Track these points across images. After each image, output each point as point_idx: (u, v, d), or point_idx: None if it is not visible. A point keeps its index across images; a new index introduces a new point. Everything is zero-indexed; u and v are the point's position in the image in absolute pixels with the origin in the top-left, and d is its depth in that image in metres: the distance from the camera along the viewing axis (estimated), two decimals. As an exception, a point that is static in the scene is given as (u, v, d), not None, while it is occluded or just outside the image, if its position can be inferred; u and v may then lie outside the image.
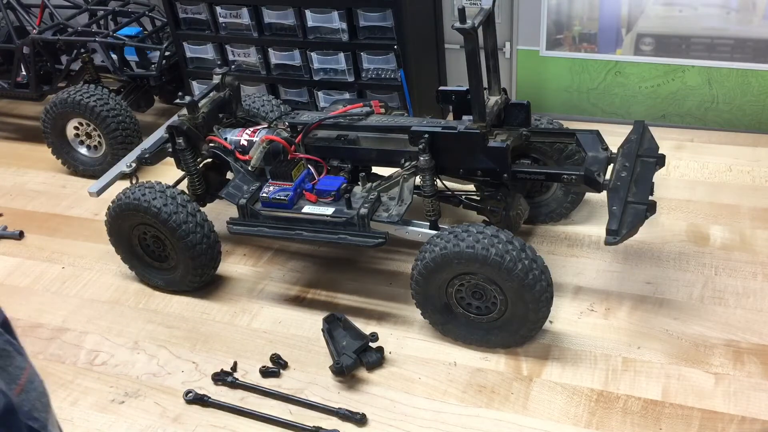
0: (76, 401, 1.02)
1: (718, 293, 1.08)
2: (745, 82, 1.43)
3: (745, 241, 1.18)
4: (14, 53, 1.63)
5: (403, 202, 1.08)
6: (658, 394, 0.94)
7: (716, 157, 1.40)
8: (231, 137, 1.19)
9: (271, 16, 1.49)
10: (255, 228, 1.09)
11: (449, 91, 1.13)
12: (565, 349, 1.01)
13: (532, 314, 0.96)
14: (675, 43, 1.44)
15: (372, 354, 1.01)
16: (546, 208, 1.24)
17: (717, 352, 0.99)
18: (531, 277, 0.93)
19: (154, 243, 1.15)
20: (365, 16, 1.42)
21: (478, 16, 0.97)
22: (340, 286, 1.18)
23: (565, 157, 1.14)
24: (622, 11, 1.45)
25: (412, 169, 1.07)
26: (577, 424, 0.91)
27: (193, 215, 1.10)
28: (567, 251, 1.20)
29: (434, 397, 0.97)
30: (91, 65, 1.65)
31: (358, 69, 1.48)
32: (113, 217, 1.13)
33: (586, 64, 1.51)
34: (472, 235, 0.94)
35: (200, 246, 1.11)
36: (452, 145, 1.03)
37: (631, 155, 1.04)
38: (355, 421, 0.94)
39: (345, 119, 1.12)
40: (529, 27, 1.50)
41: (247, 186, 1.13)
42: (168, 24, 1.60)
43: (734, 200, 1.28)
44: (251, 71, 1.57)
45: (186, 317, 1.15)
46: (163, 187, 1.12)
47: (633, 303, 1.08)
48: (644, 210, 0.96)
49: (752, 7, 1.37)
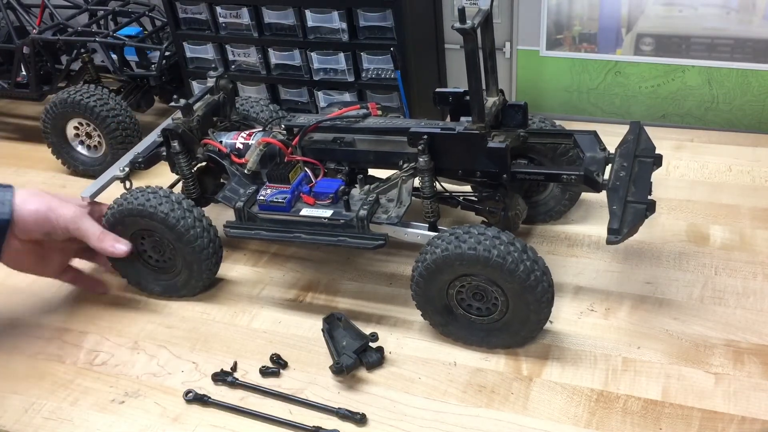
0: (76, 401, 1.02)
1: (718, 293, 1.08)
2: (745, 82, 1.42)
3: (745, 241, 1.18)
4: (14, 53, 1.63)
5: (402, 204, 1.08)
6: (658, 394, 0.94)
7: (716, 157, 1.40)
8: (226, 140, 1.19)
9: (271, 16, 1.49)
10: (252, 231, 1.09)
11: (446, 92, 1.13)
12: (565, 349, 1.01)
13: (534, 315, 0.96)
14: (675, 43, 1.44)
15: (372, 354, 1.01)
16: (544, 207, 1.24)
17: (717, 352, 0.99)
18: (533, 278, 0.92)
19: (154, 249, 1.14)
20: (365, 16, 1.42)
21: (477, 16, 0.97)
22: (340, 286, 1.18)
23: (559, 154, 1.14)
24: (622, 11, 1.44)
25: (411, 170, 1.06)
26: (577, 424, 0.91)
27: (199, 220, 1.10)
28: (567, 251, 1.20)
29: (434, 397, 0.97)
30: (91, 65, 1.65)
31: (358, 69, 1.48)
32: (112, 224, 1.12)
33: (586, 64, 1.51)
34: (473, 237, 0.94)
35: (206, 251, 1.11)
36: (451, 146, 1.03)
37: (629, 155, 1.04)
38: (355, 421, 0.94)
39: (342, 121, 1.11)
40: (528, 27, 1.50)
41: (243, 189, 1.12)
42: (168, 24, 1.60)
43: (734, 200, 1.28)
44: (251, 71, 1.57)
45: (186, 317, 1.15)
46: (167, 191, 1.11)
47: (633, 303, 1.08)
48: (644, 209, 0.96)
49: (752, 7, 1.37)
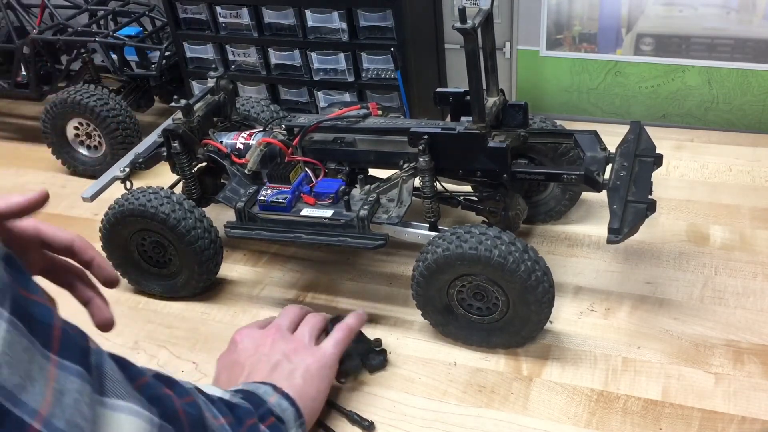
0: (76, 402, 1.01)
1: (718, 293, 1.08)
2: (745, 82, 1.42)
3: (745, 241, 1.18)
4: (14, 53, 1.63)
5: (403, 204, 1.08)
6: (658, 394, 0.94)
7: (716, 157, 1.40)
8: (227, 141, 1.19)
9: (271, 16, 1.49)
10: (253, 231, 1.09)
11: (446, 92, 1.13)
12: (565, 349, 1.01)
13: (534, 315, 0.96)
14: (675, 43, 1.44)
15: (375, 357, 1.01)
16: (545, 206, 1.24)
17: (717, 352, 0.99)
18: (534, 278, 0.92)
19: (154, 249, 1.14)
20: (365, 16, 1.42)
21: (477, 16, 0.97)
22: (340, 286, 1.18)
23: (559, 154, 1.14)
24: (622, 11, 1.44)
25: (411, 170, 1.06)
26: (577, 424, 0.91)
27: (200, 221, 1.10)
28: (567, 251, 1.20)
29: (434, 397, 0.97)
30: (91, 65, 1.65)
31: (358, 69, 1.48)
32: (112, 224, 1.12)
33: (586, 64, 1.51)
34: (474, 237, 0.94)
35: (208, 252, 1.11)
36: (452, 146, 1.03)
37: (629, 155, 1.04)
38: (363, 427, 0.93)
39: (342, 121, 1.11)
40: (528, 27, 1.50)
41: (244, 189, 1.12)
42: (168, 24, 1.60)
43: (734, 200, 1.28)
44: (251, 71, 1.57)
45: (186, 317, 1.15)
46: (168, 192, 1.11)
47: (633, 303, 1.08)
48: (644, 209, 0.96)
49: (752, 7, 1.37)
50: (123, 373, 0.48)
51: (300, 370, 0.82)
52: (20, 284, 0.41)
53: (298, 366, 0.83)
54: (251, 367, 0.83)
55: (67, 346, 0.43)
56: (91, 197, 1.22)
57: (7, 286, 0.39)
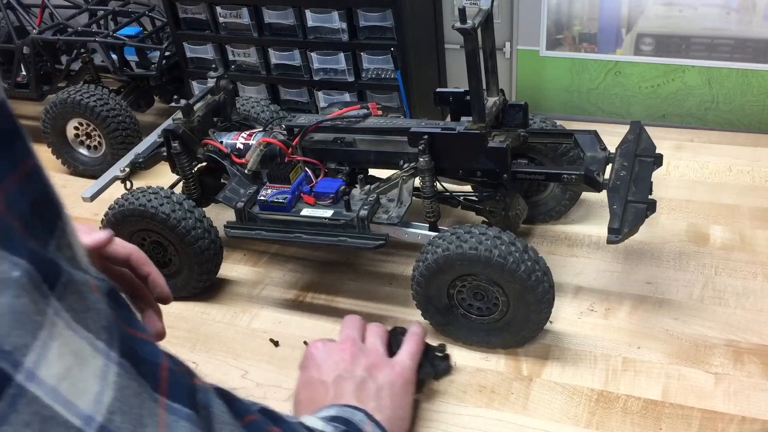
0: (76, 402, 1.01)
1: (718, 293, 1.08)
2: (745, 82, 1.42)
3: (745, 241, 1.18)
4: (14, 53, 1.64)
5: (403, 204, 1.08)
6: (658, 394, 0.94)
7: (716, 157, 1.40)
8: (227, 141, 1.19)
9: (271, 16, 1.49)
10: (253, 231, 1.09)
11: (446, 92, 1.13)
12: (565, 349, 1.01)
13: (534, 316, 0.96)
14: (675, 43, 1.44)
15: (441, 362, 0.94)
16: (545, 206, 1.24)
17: (717, 352, 0.99)
18: (534, 278, 0.92)
19: (154, 249, 1.14)
20: (365, 16, 1.42)
21: (477, 16, 0.97)
22: (340, 287, 1.18)
23: (559, 154, 1.14)
24: (622, 11, 1.44)
25: (411, 170, 1.06)
26: (577, 424, 0.91)
27: (200, 221, 1.10)
28: (567, 251, 1.20)
29: (434, 397, 0.96)
30: (91, 65, 1.65)
31: (358, 69, 1.48)
32: (112, 224, 1.12)
33: (586, 64, 1.51)
34: (474, 237, 0.94)
35: (208, 252, 1.11)
36: (452, 146, 1.03)
37: (629, 155, 1.04)
38: None
39: (342, 121, 1.11)
40: (528, 27, 1.50)
41: (244, 189, 1.12)
42: (168, 24, 1.60)
43: (734, 200, 1.28)
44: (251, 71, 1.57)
45: (186, 317, 1.15)
46: (168, 192, 1.11)
47: (633, 303, 1.08)
48: (645, 209, 0.96)
49: (752, 7, 1.37)
50: (229, 409, 0.46)
51: (386, 390, 0.79)
52: (125, 322, 0.38)
53: (383, 385, 0.79)
54: (336, 387, 0.78)
55: (175, 387, 0.40)
56: (91, 197, 1.22)
57: (114, 325, 0.37)
